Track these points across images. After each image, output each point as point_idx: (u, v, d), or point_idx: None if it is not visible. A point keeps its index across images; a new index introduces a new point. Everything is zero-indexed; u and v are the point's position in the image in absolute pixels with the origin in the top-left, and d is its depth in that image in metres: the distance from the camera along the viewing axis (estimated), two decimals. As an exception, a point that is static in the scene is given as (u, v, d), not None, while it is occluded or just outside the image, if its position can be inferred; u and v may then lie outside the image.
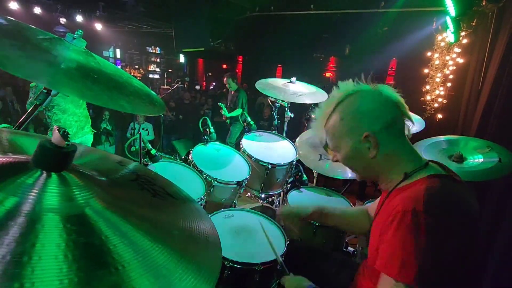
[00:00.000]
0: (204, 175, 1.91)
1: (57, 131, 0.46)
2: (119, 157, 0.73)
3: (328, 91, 1.11)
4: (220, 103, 4.92)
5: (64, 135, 0.46)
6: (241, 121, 2.52)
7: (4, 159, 0.49)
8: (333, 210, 1.41)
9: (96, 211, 0.48)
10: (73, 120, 3.16)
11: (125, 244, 0.45)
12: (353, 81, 1.02)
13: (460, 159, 1.81)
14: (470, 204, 0.87)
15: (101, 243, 0.44)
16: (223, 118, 5.36)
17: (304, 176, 2.27)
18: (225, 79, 5.34)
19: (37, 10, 7.28)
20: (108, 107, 0.81)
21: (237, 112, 4.92)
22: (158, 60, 14.07)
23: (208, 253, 0.55)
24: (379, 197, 1.29)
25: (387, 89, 0.98)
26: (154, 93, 1.15)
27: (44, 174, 0.47)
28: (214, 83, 12.83)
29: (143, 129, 5.28)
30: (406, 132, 0.99)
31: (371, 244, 1.00)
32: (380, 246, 0.87)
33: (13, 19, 0.95)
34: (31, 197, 0.44)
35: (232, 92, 5.30)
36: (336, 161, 1.07)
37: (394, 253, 0.80)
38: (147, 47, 13.51)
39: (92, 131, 3.49)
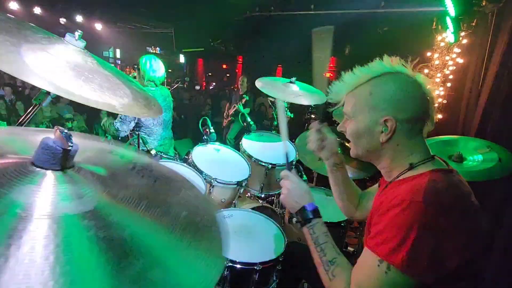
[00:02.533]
0: (204, 175, 1.91)
1: (58, 132, 0.46)
2: (109, 146, 0.72)
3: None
4: (245, 95, 5.09)
5: (67, 135, 0.46)
6: (240, 121, 2.52)
7: (5, 162, 0.49)
8: (347, 173, 1.33)
9: (105, 204, 0.49)
10: (158, 145, 2.85)
11: (141, 234, 0.47)
12: (400, 59, 0.97)
13: (460, 159, 1.81)
14: (470, 201, 0.88)
15: (119, 234, 0.45)
16: (225, 116, 5.45)
17: (304, 176, 2.27)
18: (241, 77, 5.45)
19: (37, 10, 7.30)
20: (97, 107, 0.81)
21: (247, 110, 5.08)
22: (158, 60, 14.06)
23: (216, 229, 0.57)
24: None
25: (425, 82, 0.94)
26: (152, 96, 1.14)
27: (48, 174, 0.47)
28: (214, 83, 12.84)
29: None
30: (424, 131, 0.97)
31: (367, 232, 1.00)
32: (374, 226, 0.88)
33: (12, 16, 0.95)
34: (41, 199, 0.44)
35: (241, 92, 5.35)
36: (341, 131, 1.05)
37: (389, 236, 0.80)
38: (147, 47, 13.49)
39: (175, 153, 3.14)
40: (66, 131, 0.47)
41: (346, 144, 2.33)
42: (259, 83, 2.48)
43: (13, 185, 0.44)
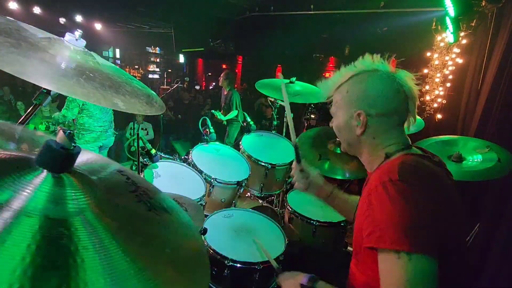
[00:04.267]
0: (204, 175, 1.92)
1: (61, 132, 0.46)
2: (122, 167, 0.71)
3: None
4: (213, 111, 4.81)
5: (69, 136, 0.46)
6: (240, 121, 2.53)
7: (12, 154, 0.49)
8: (342, 194, 1.36)
9: (84, 219, 0.46)
10: (97, 125, 3.36)
11: (97, 261, 0.43)
12: (380, 57, 1.02)
13: (459, 159, 1.81)
14: (442, 176, 0.91)
15: (71, 254, 0.41)
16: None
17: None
18: (222, 75, 5.18)
19: (37, 10, 7.29)
20: (100, 105, 0.82)
21: (233, 114, 4.75)
22: (158, 60, 14.07)
23: (195, 276, 0.53)
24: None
25: (404, 79, 0.97)
26: (154, 93, 1.15)
27: (44, 173, 0.47)
28: (214, 83, 12.85)
29: (142, 129, 5.27)
30: (406, 125, 1.00)
31: (356, 226, 1.00)
32: (365, 222, 0.86)
33: (11, 18, 0.96)
34: (24, 193, 0.44)
35: (225, 92, 5.06)
36: (332, 127, 1.12)
37: (387, 224, 0.79)
38: (146, 47, 13.50)
39: (115, 133, 3.69)
40: (69, 131, 0.47)
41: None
42: (258, 85, 2.49)
43: (8, 176, 0.45)
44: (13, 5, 6.74)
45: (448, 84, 3.92)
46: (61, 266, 0.40)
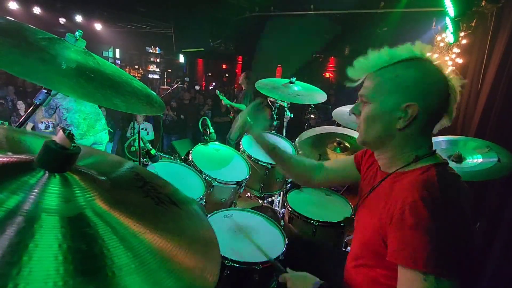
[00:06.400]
0: (203, 175, 1.91)
1: (61, 132, 0.46)
2: (131, 163, 0.72)
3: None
4: (218, 93, 4.91)
5: (69, 136, 0.46)
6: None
7: (9, 159, 0.49)
8: (284, 151, 1.47)
9: (96, 213, 0.47)
10: (80, 118, 3.14)
11: (121, 249, 0.45)
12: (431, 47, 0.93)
13: (459, 159, 1.81)
14: (468, 195, 0.89)
15: (97, 247, 0.43)
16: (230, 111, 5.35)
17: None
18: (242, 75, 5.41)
19: (37, 10, 7.30)
20: (101, 105, 0.82)
21: (240, 106, 4.91)
22: (158, 60, 14.06)
23: (206, 266, 0.54)
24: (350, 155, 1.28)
25: (453, 78, 0.90)
26: (154, 93, 1.15)
27: (47, 175, 0.47)
28: (213, 83, 12.85)
29: (142, 129, 5.27)
30: (437, 127, 0.95)
31: (370, 228, 0.94)
32: (393, 235, 0.82)
33: (12, 19, 0.96)
34: (32, 197, 0.44)
35: (244, 89, 5.28)
36: (353, 113, 1.00)
37: (419, 245, 0.76)
38: (146, 47, 13.49)
39: (106, 128, 3.45)
40: (69, 130, 0.47)
41: (345, 143, 2.33)
42: (258, 85, 2.49)
43: (11, 182, 0.45)
44: (13, 5, 6.74)
45: (448, 84, 3.92)
46: (97, 259, 0.42)
